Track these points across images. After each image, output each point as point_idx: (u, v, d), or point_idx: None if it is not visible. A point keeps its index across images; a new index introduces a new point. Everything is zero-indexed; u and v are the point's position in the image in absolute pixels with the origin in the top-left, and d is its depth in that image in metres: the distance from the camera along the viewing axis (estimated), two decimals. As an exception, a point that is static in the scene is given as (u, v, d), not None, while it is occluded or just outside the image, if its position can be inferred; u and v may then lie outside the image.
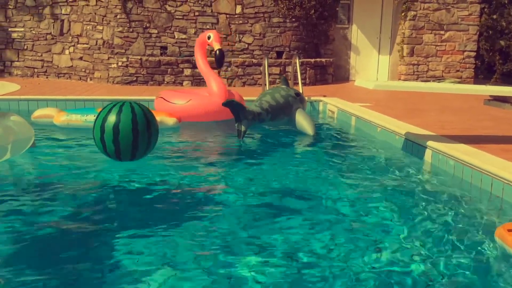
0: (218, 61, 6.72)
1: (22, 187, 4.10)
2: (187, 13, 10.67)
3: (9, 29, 11.69)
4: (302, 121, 6.20)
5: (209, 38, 6.88)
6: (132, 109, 4.31)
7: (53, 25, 11.45)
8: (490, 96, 8.10)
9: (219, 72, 10.52)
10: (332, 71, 11.71)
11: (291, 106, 6.23)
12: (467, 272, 2.68)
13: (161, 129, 4.82)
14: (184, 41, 10.63)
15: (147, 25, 10.59)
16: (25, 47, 11.71)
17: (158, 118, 4.80)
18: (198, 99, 6.74)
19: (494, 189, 3.87)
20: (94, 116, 5.96)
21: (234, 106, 5.58)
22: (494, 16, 11.99)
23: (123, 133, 4.23)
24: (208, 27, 10.69)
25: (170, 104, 6.65)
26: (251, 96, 8.31)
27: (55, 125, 6.24)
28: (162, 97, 6.84)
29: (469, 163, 4.20)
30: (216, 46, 6.75)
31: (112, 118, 4.25)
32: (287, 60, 10.84)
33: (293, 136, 6.31)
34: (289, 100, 6.22)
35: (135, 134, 4.26)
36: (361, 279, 2.59)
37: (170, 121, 6.23)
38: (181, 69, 10.40)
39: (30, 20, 11.57)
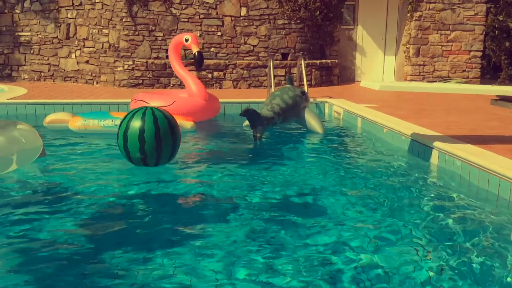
0: (198, 63, 6.78)
1: (41, 194, 4.04)
2: (192, 16, 10.69)
3: (16, 33, 11.77)
4: (311, 120, 6.45)
5: (187, 40, 6.90)
6: (143, 115, 4.30)
7: (60, 29, 11.52)
8: (497, 96, 8.06)
9: (225, 75, 10.54)
10: (337, 72, 11.70)
11: (299, 105, 6.42)
12: (480, 273, 2.67)
13: None
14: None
15: (153, 28, 10.63)
16: (32, 51, 11.78)
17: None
18: (179, 100, 6.75)
19: (501, 189, 3.85)
20: (111, 120, 6.00)
21: (251, 114, 5.72)
22: (500, 17, 11.94)
23: (131, 139, 4.28)
24: (213, 29, 10.72)
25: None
26: (256, 98, 8.34)
27: (69, 130, 6.16)
28: (141, 99, 6.80)
29: (476, 164, 4.19)
30: (195, 49, 6.79)
31: (124, 123, 4.34)
32: (293, 62, 10.84)
33: (302, 137, 6.38)
34: (297, 100, 6.40)
35: (141, 141, 4.25)
36: (370, 279, 2.59)
37: (188, 124, 6.21)
38: (186, 72, 10.41)
39: (36, 24, 11.64)
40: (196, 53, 6.74)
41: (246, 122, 6.70)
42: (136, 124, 4.27)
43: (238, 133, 6.59)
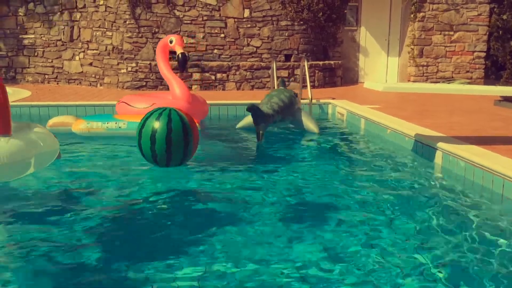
0: (181, 65, 6.76)
1: (46, 199, 4.03)
2: (196, 18, 10.72)
3: (20, 36, 11.83)
4: (307, 122, 6.65)
5: (171, 42, 6.86)
6: (159, 115, 4.37)
7: (63, 31, 11.56)
8: (501, 96, 8.04)
9: (228, 76, 10.56)
10: (340, 74, 11.70)
11: (294, 105, 6.59)
12: (480, 274, 2.67)
13: None
14: (193, 45, 10.69)
15: (156, 30, 10.66)
16: (36, 54, 11.84)
17: None
18: (162, 102, 6.73)
19: (505, 190, 3.85)
20: (115, 123, 6.00)
21: (255, 111, 5.81)
22: (504, 17, 11.91)
23: (144, 137, 4.39)
24: (216, 31, 10.74)
25: (132, 108, 6.58)
26: (260, 100, 8.33)
27: (73, 133, 6.13)
28: (124, 102, 6.79)
29: (480, 164, 4.18)
30: (179, 50, 6.75)
31: (143, 120, 4.46)
32: (296, 63, 10.84)
33: (304, 139, 6.39)
34: (292, 100, 6.57)
35: (152, 140, 4.33)
36: (371, 279, 2.59)
37: None
38: (189, 74, 10.44)
39: (40, 27, 11.70)
40: (179, 55, 6.67)
41: (240, 124, 6.86)
42: (150, 123, 4.38)
43: (240, 134, 6.62)
